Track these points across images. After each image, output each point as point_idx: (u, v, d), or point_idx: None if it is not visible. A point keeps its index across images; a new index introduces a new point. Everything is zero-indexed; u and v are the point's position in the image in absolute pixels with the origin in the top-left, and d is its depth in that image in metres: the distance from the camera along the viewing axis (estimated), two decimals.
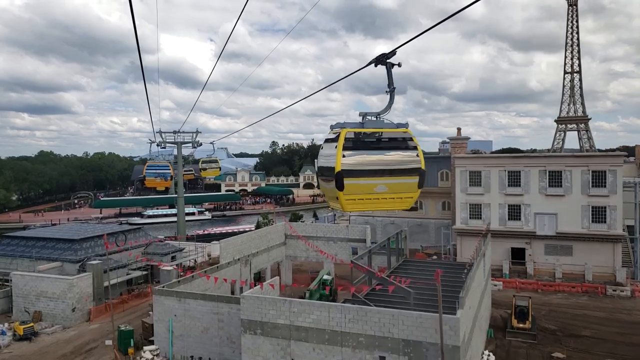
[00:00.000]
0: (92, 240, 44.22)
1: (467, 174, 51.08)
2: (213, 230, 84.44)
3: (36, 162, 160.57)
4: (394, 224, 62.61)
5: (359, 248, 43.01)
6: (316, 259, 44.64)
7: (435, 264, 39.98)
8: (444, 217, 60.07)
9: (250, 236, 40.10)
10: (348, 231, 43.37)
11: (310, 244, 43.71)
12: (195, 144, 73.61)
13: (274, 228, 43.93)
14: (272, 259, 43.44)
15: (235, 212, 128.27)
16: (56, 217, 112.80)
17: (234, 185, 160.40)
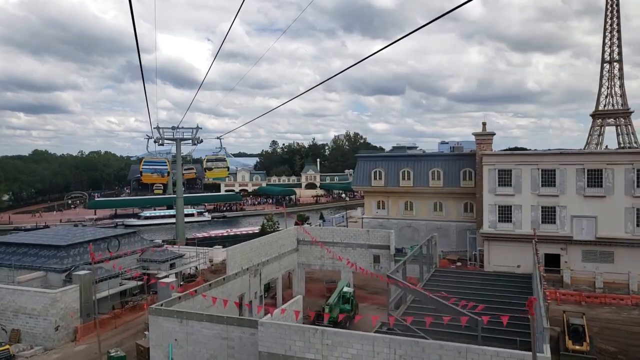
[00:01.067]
0: (81, 246, 39.36)
1: (496, 172, 46.39)
2: (214, 233, 79.54)
3: (28, 161, 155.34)
4: (410, 227, 57.94)
5: (381, 255, 38.29)
6: (332, 267, 39.88)
7: (475, 276, 35.35)
8: (466, 220, 55.38)
9: (260, 242, 35.31)
10: (369, 236, 38.61)
11: (330, 251, 38.96)
12: (195, 140, 68.74)
13: (286, 233, 39.16)
14: (283, 267, 38.67)
15: (236, 213, 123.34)
16: (48, 219, 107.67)
17: (234, 185, 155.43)
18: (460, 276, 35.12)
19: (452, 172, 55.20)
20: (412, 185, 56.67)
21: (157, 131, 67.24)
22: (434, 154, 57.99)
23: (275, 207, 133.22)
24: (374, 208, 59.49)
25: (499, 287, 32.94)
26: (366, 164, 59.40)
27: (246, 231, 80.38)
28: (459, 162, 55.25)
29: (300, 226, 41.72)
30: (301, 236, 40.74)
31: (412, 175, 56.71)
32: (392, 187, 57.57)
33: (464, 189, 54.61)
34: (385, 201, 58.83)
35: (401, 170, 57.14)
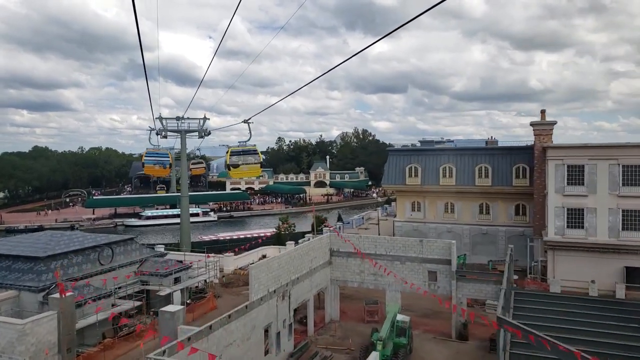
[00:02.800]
0: (65, 257, 31.88)
1: (565, 169, 38.67)
2: (222, 235, 72.06)
3: (26, 158, 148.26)
4: (450, 233, 50.19)
5: (439, 272, 30.61)
6: (374, 284, 32.24)
7: (576, 302, 27.46)
8: (518, 224, 47.69)
9: (289, 257, 27.70)
10: (423, 248, 30.91)
11: (378, 264, 31.30)
12: (202, 133, 61.19)
13: (318, 243, 31.51)
14: (315, 286, 31.08)
15: (244, 213, 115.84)
16: (43, 219, 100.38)
17: (240, 183, 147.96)
18: (554, 301, 27.37)
19: (503, 168, 47.47)
20: (455, 184, 48.98)
21: (160, 122, 59.72)
22: (482, 147, 50.26)
23: (285, 206, 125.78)
24: (407, 210, 51.80)
25: (610, 317, 25.20)
26: (399, 159, 51.71)
27: (257, 234, 72.82)
28: (510, 157, 47.50)
29: (336, 233, 34.01)
30: (335, 246, 33.11)
31: (454, 172, 49.00)
32: (430, 186, 49.87)
33: (516, 188, 46.87)
34: (421, 202, 51.14)
35: (441, 166, 49.43)
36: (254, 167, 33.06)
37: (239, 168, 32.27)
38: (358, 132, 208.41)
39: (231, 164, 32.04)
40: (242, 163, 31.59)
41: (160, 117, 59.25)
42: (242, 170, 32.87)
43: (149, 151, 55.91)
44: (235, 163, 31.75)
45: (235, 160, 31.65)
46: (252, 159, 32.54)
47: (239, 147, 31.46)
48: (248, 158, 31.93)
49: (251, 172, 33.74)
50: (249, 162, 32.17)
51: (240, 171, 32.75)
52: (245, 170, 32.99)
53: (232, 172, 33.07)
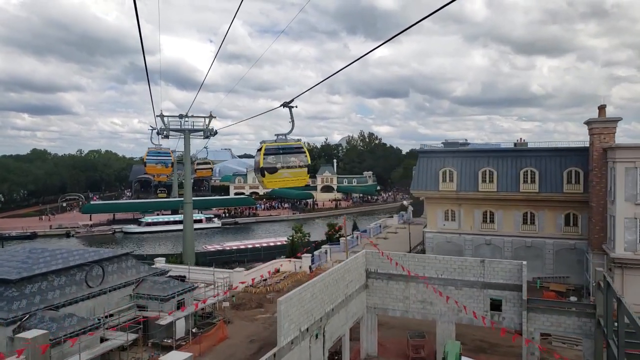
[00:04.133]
0: (44, 279, 26.10)
1: (638, 173, 32.85)
2: (229, 245, 66.16)
3: (21, 160, 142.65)
4: (490, 245, 44.33)
5: (505, 300, 24.71)
6: (422, 314, 26.31)
7: None
8: (568, 236, 41.78)
9: (323, 284, 21.83)
10: (484, 269, 25.03)
11: (434, 288, 25.40)
12: (208, 132, 55.59)
13: (353, 263, 25.61)
14: (350, 316, 25.20)
15: (249, 219, 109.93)
16: (37, 225, 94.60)
17: (244, 187, 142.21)
18: None
19: (553, 172, 41.61)
20: (496, 190, 43.10)
21: (161, 121, 54.15)
22: (528, 148, 44.34)
23: (292, 212, 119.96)
24: (439, 219, 45.90)
25: None
26: (431, 161, 45.84)
27: (267, 243, 67.05)
28: (561, 160, 41.64)
29: (375, 249, 28.01)
30: (372, 266, 27.22)
31: (495, 176, 43.14)
32: (468, 192, 44.02)
33: (567, 195, 41.00)
34: (456, 211, 45.25)
35: (481, 169, 43.57)
36: (300, 173, 19.75)
37: (277, 174, 19.01)
38: (364, 135, 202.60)
39: (266, 168, 18.80)
40: (283, 166, 19.06)
41: (162, 115, 53.72)
42: (283, 177, 19.46)
43: (151, 150, 54.04)
44: (271, 166, 18.86)
45: (272, 162, 18.80)
46: (297, 161, 19.48)
47: (277, 143, 19.15)
48: (290, 159, 19.07)
49: (295, 179, 19.83)
50: (292, 165, 19.26)
51: (279, 178, 19.34)
52: (286, 178, 19.42)
53: (268, 179, 19.10)
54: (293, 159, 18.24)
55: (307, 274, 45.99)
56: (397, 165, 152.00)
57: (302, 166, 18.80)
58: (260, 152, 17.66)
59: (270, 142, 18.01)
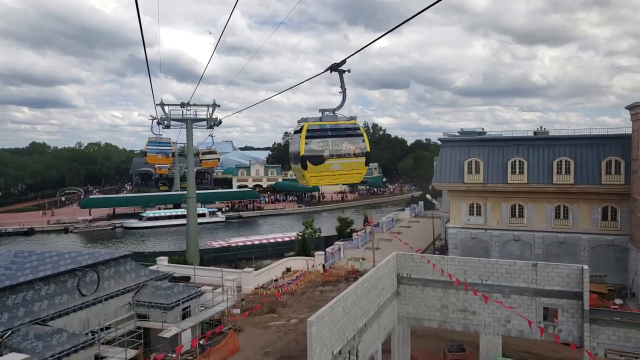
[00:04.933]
0: (32, 287, 22.81)
1: None
2: (235, 241, 62.78)
3: (18, 154, 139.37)
4: (519, 242, 40.99)
5: (562, 310, 21.35)
6: (463, 325, 22.97)
7: None
8: (606, 231, 38.39)
9: (356, 295, 18.47)
10: (536, 274, 21.67)
11: (483, 295, 22.05)
12: (212, 121, 52.09)
13: (385, 268, 22.23)
14: (382, 329, 21.87)
15: (253, 212, 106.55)
16: (34, 220, 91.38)
17: (247, 180, 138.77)
18: None
19: (589, 162, 38.12)
20: (526, 182, 39.64)
21: (162, 109, 50.65)
22: (562, 136, 40.80)
23: (297, 205, 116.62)
24: (464, 214, 42.48)
25: None
26: (455, 152, 42.32)
27: (274, 239, 63.74)
28: (599, 149, 38.12)
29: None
30: (405, 270, 23.84)
31: (526, 167, 39.65)
32: (496, 184, 40.56)
33: (605, 187, 37.53)
34: (482, 204, 41.82)
35: (510, 160, 40.05)
36: (355, 165, 13.25)
37: (324, 165, 12.82)
38: (368, 126, 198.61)
39: (309, 157, 12.60)
40: (332, 155, 12.85)
41: (162, 104, 50.22)
42: (331, 170, 13.05)
43: (151, 140, 52.21)
44: (317, 154, 12.65)
45: (317, 149, 12.68)
46: (351, 148, 13.12)
47: (323, 122, 13.10)
48: (342, 145, 13.00)
49: (348, 173, 13.29)
50: (345, 153, 12.99)
51: (327, 171, 12.96)
52: (336, 171, 13.02)
53: (311, 173, 12.69)
54: (346, 145, 12.40)
55: (321, 274, 42.77)
56: (404, 157, 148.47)
57: (358, 155, 12.45)
58: (299, 134, 11.94)
59: (313, 120, 12.28)
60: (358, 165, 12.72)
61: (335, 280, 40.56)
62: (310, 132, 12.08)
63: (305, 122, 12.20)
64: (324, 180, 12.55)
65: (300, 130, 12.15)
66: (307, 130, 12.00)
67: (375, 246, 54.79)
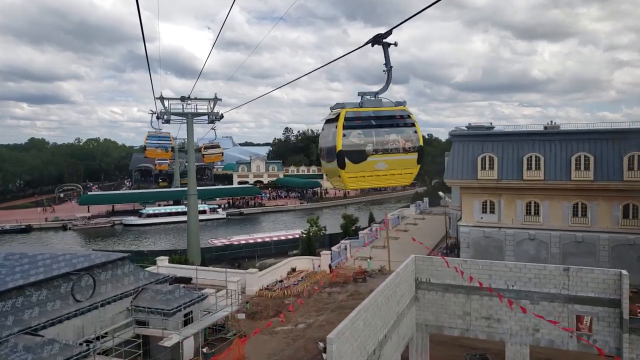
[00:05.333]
0: (22, 294, 21.12)
1: None
2: (237, 239, 61.10)
3: (16, 150, 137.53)
4: (534, 241, 39.34)
5: (597, 318, 19.68)
6: (487, 333, 21.31)
7: None
8: (627, 230, 36.74)
9: (377, 305, 16.78)
10: (569, 279, 19.99)
11: (508, 301, 20.38)
12: (213, 116, 50.30)
13: (403, 273, 20.55)
14: (402, 338, 20.22)
15: (255, 209, 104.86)
16: (31, 217, 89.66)
17: (248, 176, 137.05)
18: None
19: (610, 158, 36.42)
20: (543, 179, 37.93)
21: (162, 103, 48.85)
22: (580, 131, 39.07)
23: (299, 201, 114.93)
24: (476, 212, 40.79)
25: None
26: (468, 147, 40.60)
27: (277, 237, 62.10)
28: (620, 144, 36.40)
29: (433, 253, 22.82)
30: (423, 274, 22.14)
31: (542, 163, 37.94)
32: (510, 181, 38.86)
33: (628, 183, 35.84)
34: (495, 201, 40.13)
35: (525, 155, 38.34)
36: (405, 163, 10.18)
37: (366, 163, 9.73)
38: None
39: (348, 152, 9.56)
40: (377, 150, 9.77)
41: (162, 97, 48.42)
42: (375, 168, 9.88)
43: (151, 134, 51.55)
44: (357, 149, 9.61)
45: (357, 142, 9.60)
46: (400, 141, 10.03)
47: (365, 108, 10.20)
48: (389, 138, 9.83)
49: (396, 174, 10.26)
50: (393, 147, 9.89)
51: (370, 170, 9.84)
52: (381, 171, 9.93)
53: (350, 173, 9.69)
54: (394, 138, 9.71)
55: (328, 274, 41.14)
56: None
57: (409, 150, 9.85)
58: (335, 124, 9.48)
59: (351, 105, 9.79)
60: (408, 164, 10.07)
61: (343, 281, 38.90)
62: (349, 120, 9.54)
63: (342, 108, 9.67)
64: (366, 182, 10.08)
65: (335, 119, 9.61)
66: (345, 118, 9.38)
67: (382, 244, 53.27)
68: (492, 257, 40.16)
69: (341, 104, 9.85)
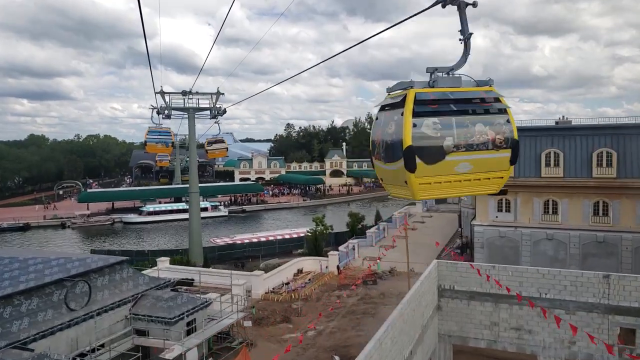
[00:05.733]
0: (10, 303, 19.41)
1: None
2: (240, 238, 59.36)
3: (15, 146, 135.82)
4: (552, 241, 37.55)
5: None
6: (517, 345, 19.58)
7: None
8: None
9: (403, 320, 15.03)
10: (609, 287, 18.25)
11: (542, 309, 18.65)
12: (215, 111, 48.48)
13: (428, 281, 18.80)
14: (425, 353, 18.48)
15: (257, 206, 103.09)
16: (30, 215, 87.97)
17: (250, 172, 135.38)
18: None
19: (634, 154, 34.58)
20: (562, 176, 36.13)
21: (162, 98, 47.02)
22: (604, 125, 37.23)
23: (302, 198, 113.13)
24: (491, 210, 39.02)
25: None
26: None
27: (282, 235, 60.35)
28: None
29: (454, 257, 21.09)
30: (447, 281, 20.40)
31: (561, 159, 36.13)
32: (528, 178, 37.06)
33: None
34: (511, 200, 38.33)
35: (544, 151, 36.53)
36: (494, 163, 7.08)
37: (444, 163, 6.73)
38: (372, 118, 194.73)
39: (421, 147, 6.58)
40: (459, 145, 6.73)
41: (163, 92, 46.58)
42: (454, 170, 6.83)
43: (151, 129, 49.74)
44: (432, 143, 6.62)
45: (434, 136, 6.63)
46: (489, 133, 6.89)
47: (439, 89, 7.01)
48: (475, 128, 6.82)
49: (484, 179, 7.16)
50: (480, 142, 6.84)
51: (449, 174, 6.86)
52: (464, 175, 6.90)
53: (422, 177, 6.71)
54: (480, 129, 7.03)
55: (336, 276, 39.45)
56: None
57: (500, 146, 7.19)
58: (401, 110, 6.89)
59: (421, 85, 7.10)
60: (499, 164, 7.26)
61: (352, 283, 37.15)
62: (421, 105, 6.76)
63: (409, 89, 6.90)
64: (441, 191, 7.03)
65: (400, 103, 6.82)
66: (415, 101, 6.65)
67: (391, 244, 51.50)
68: (508, 257, 38.50)
69: (407, 83, 7.19)
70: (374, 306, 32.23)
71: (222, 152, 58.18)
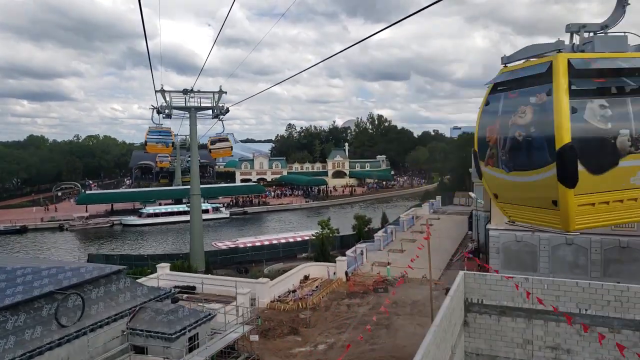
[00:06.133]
0: None
1: None
2: (243, 242, 57.53)
3: (13, 147, 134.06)
4: (571, 246, 35.74)
5: None
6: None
7: None
8: None
9: (435, 343, 13.22)
10: None
11: (583, 326, 16.86)
12: (218, 110, 46.69)
13: (455, 296, 17.02)
14: None
15: (259, 208, 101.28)
16: (27, 217, 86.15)
17: (251, 173, 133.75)
18: None
19: None
20: None
21: (162, 96, 45.23)
22: None
23: (304, 200, 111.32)
24: None
25: None
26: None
27: (285, 238, 58.53)
28: None
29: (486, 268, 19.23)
30: (475, 295, 18.60)
31: None
32: None
33: None
34: None
35: None
36: None
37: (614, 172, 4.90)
38: (373, 117, 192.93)
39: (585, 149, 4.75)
40: (636, 144, 4.93)
41: (163, 90, 44.80)
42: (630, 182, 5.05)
43: (152, 129, 50.22)
44: (598, 138, 4.67)
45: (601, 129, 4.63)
46: None
47: (596, 54, 4.78)
48: None
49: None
50: None
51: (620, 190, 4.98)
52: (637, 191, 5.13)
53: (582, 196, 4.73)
54: None
55: (345, 283, 37.62)
56: (411, 149, 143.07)
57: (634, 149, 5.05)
58: (541, 90, 4.89)
59: (567, 50, 4.91)
60: None
61: (362, 291, 35.37)
62: (578, 81, 4.51)
63: (557, 53, 4.60)
64: (611, 216, 4.83)
65: (541, 76, 4.62)
66: (570, 72, 4.43)
67: (399, 248, 49.73)
68: (525, 263, 36.76)
69: (547, 45, 4.54)
70: (387, 316, 30.39)
71: (226, 152, 55.66)
